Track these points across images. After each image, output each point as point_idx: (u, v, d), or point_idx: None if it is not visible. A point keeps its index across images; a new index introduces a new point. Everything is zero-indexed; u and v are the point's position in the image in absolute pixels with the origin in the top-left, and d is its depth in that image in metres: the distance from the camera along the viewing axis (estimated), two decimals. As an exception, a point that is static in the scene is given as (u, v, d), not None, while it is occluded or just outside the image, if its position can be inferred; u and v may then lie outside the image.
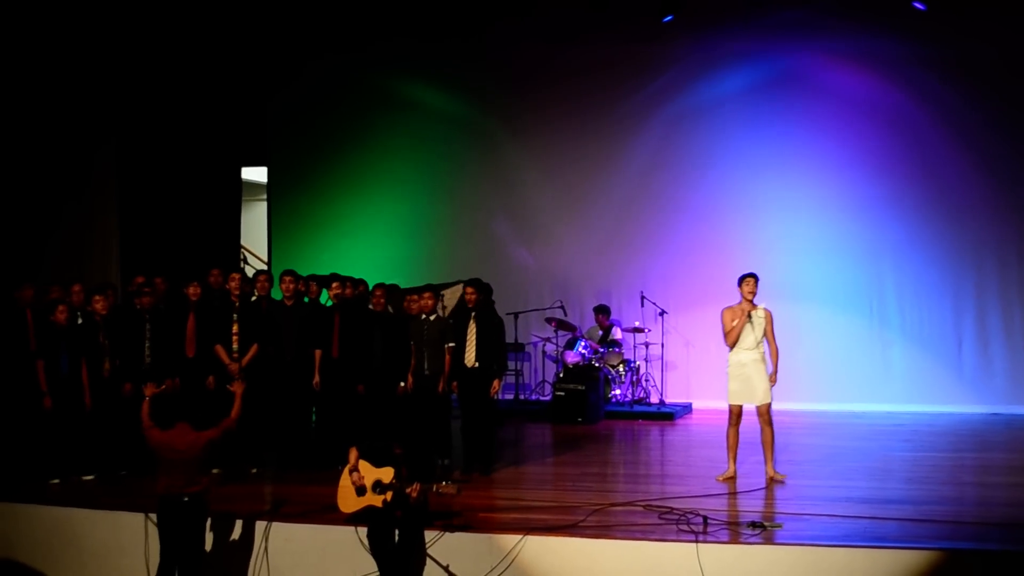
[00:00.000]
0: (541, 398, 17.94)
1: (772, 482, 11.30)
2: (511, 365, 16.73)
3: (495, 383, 12.04)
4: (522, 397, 18.00)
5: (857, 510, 10.00)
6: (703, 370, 18.13)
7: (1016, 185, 17.45)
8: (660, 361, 18.05)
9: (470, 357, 12.05)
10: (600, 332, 17.65)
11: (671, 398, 17.83)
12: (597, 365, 16.97)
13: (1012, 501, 10.54)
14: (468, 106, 19.33)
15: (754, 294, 11.47)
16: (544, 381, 18.27)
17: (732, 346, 11.48)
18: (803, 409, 17.36)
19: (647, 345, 17.88)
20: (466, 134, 19.31)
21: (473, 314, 12.15)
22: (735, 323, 11.40)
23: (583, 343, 17.30)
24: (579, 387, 16.23)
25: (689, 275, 18.32)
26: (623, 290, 18.58)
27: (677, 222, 18.47)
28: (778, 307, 17.52)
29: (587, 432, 15.42)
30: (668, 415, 16.73)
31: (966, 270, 17.63)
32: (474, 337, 12.05)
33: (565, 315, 18.08)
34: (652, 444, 14.90)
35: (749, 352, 11.44)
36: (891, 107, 17.81)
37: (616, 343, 17.52)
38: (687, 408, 17.59)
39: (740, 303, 11.48)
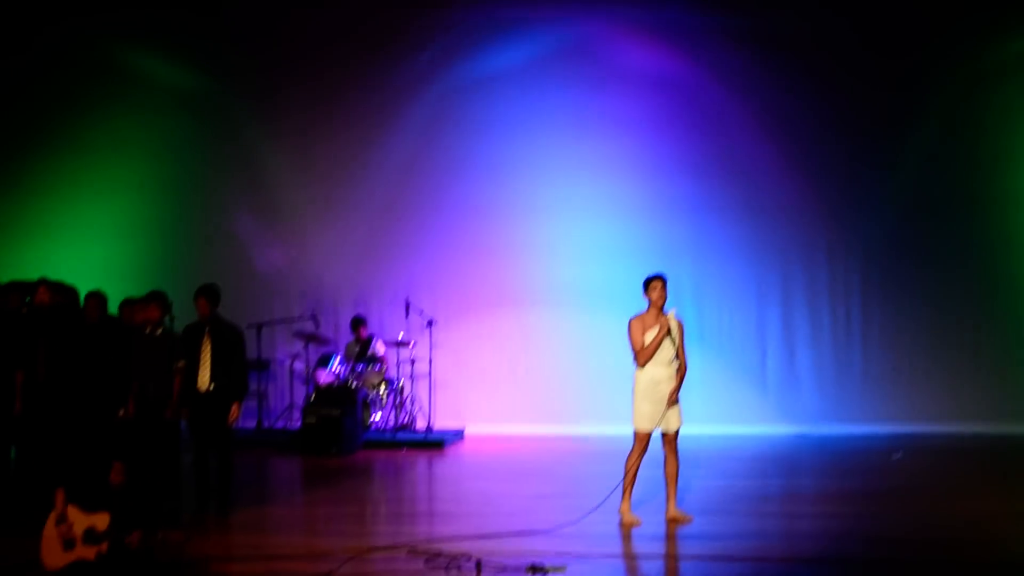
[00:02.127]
0: (289, 425, 17.74)
1: (675, 523, 11.15)
2: (253, 387, 16.48)
3: (234, 408, 11.80)
4: (266, 425, 17.80)
5: (649, 548, 10.18)
6: (477, 389, 18.42)
7: (825, 175, 18.24)
8: (428, 379, 18.08)
9: (204, 378, 11.77)
10: (357, 347, 17.58)
11: (440, 423, 17.94)
12: (354, 386, 16.89)
13: (821, 533, 10.87)
14: (203, 85, 19.11)
15: (664, 299, 11.15)
16: (292, 405, 18.06)
17: (645, 363, 11.18)
18: (587, 433, 17.72)
19: (413, 361, 17.92)
20: (202, 117, 19.08)
21: (207, 327, 11.88)
22: (655, 337, 11.05)
23: (338, 360, 17.17)
24: (333, 412, 16.13)
25: (462, 279, 18.58)
26: (386, 298, 18.65)
27: (448, 219, 18.67)
28: (560, 316, 18.11)
29: (343, 465, 15.33)
30: (437, 443, 16.79)
31: (770, 271, 18.44)
32: (208, 354, 11.79)
33: (317, 327, 17.94)
34: (418, 477, 14.91)
35: (665, 368, 11.12)
36: (691, 85, 18.41)
37: (376, 359, 17.47)
38: (458, 434, 17.71)
39: (649, 310, 11.17)
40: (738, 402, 18.06)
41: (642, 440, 11.16)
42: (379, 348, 17.75)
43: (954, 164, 18.42)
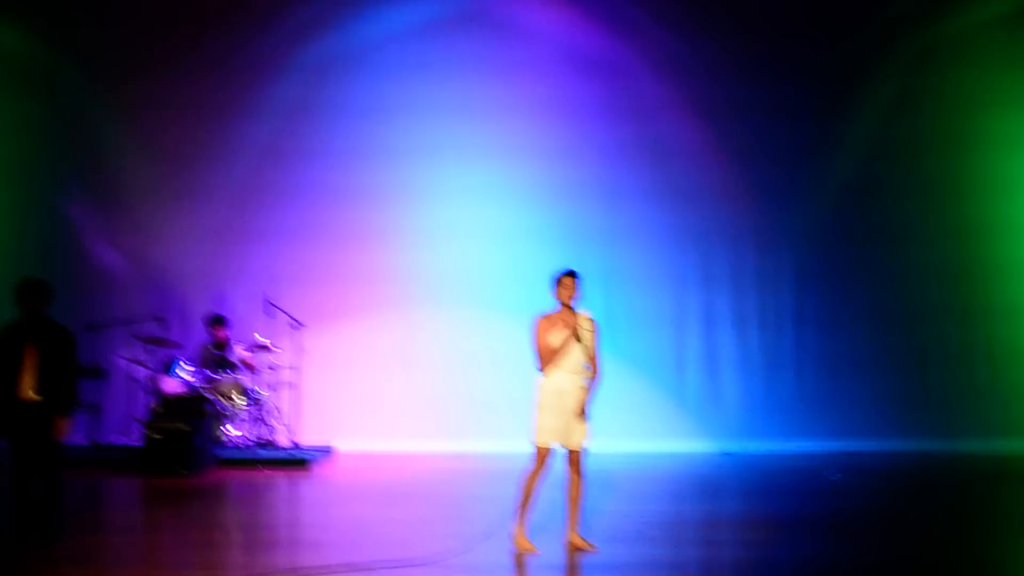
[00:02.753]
0: (129, 442, 17.35)
1: (575, 551, 10.95)
2: (85, 397, 16.17)
3: (62, 422, 11.46)
4: (101, 441, 17.47)
5: (549, 582, 9.99)
6: (349, 400, 18.32)
7: (747, 160, 18.55)
8: (292, 389, 17.91)
9: (27, 387, 11.42)
10: (215, 351, 17.47)
11: (307, 438, 17.81)
12: (207, 396, 16.71)
13: (746, 564, 10.79)
14: (39, 56, 18.75)
15: (575, 298, 10.90)
16: (133, 419, 17.66)
17: (549, 369, 10.93)
18: (476, 451, 17.84)
19: (275, 368, 17.66)
20: (28, 80, 18.69)
21: (32, 329, 11.51)
22: (559, 341, 10.81)
23: (188, 366, 17.02)
24: (181, 426, 15.87)
25: (333, 275, 18.47)
26: (244, 295, 18.46)
27: (318, 208, 18.57)
28: (446, 318, 18.05)
29: (192, 486, 15.10)
30: (301, 461, 16.67)
31: (689, 267, 18.56)
32: (33, 360, 11.43)
33: (163, 329, 17.75)
34: (280, 500, 14.76)
35: (572, 377, 10.94)
36: (597, 52, 18.55)
37: (233, 365, 17.33)
38: (327, 452, 17.57)
39: (559, 311, 10.91)
40: (653, 415, 18.11)
41: (543, 457, 10.97)
42: (241, 352, 17.59)
43: (898, 152, 18.90)
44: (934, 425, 18.36)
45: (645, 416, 18.09)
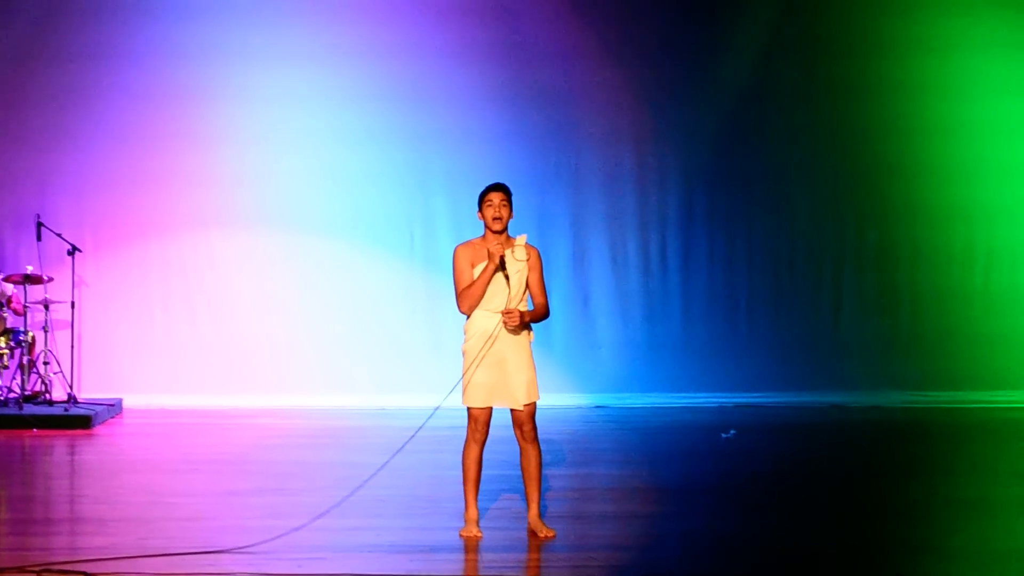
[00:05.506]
0: None
1: (536, 538, 10.62)
2: None
3: None
4: None
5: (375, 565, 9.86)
6: (141, 345, 18.22)
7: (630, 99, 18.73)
8: (70, 332, 17.72)
9: None
10: None
11: (87, 392, 17.76)
12: None
13: (624, 541, 10.70)
14: None
15: (506, 219, 10.37)
16: None
17: (471, 310, 10.41)
18: (303, 406, 17.98)
19: (47, 305, 17.45)
20: None
21: None
22: (482, 272, 10.22)
23: (-63, 303, 16.77)
24: (-73, 377, 15.76)
25: (120, 191, 18.34)
26: (7, 215, 18.34)
27: (103, 110, 18.33)
28: (265, 239, 17.96)
29: (-57, 452, 14.97)
30: (83, 420, 16.48)
31: (559, 207, 18.68)
32: None
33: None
34: (55, 468, 14.64)
35: (500, 317, 10.37)
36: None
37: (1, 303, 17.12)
38: (114, 407, 17.51)
39: (484, 236, 10.40)
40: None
41: (476, 421, 10.48)
42: (5, 287, 17.38)
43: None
44: (844, 376, 18.81)
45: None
